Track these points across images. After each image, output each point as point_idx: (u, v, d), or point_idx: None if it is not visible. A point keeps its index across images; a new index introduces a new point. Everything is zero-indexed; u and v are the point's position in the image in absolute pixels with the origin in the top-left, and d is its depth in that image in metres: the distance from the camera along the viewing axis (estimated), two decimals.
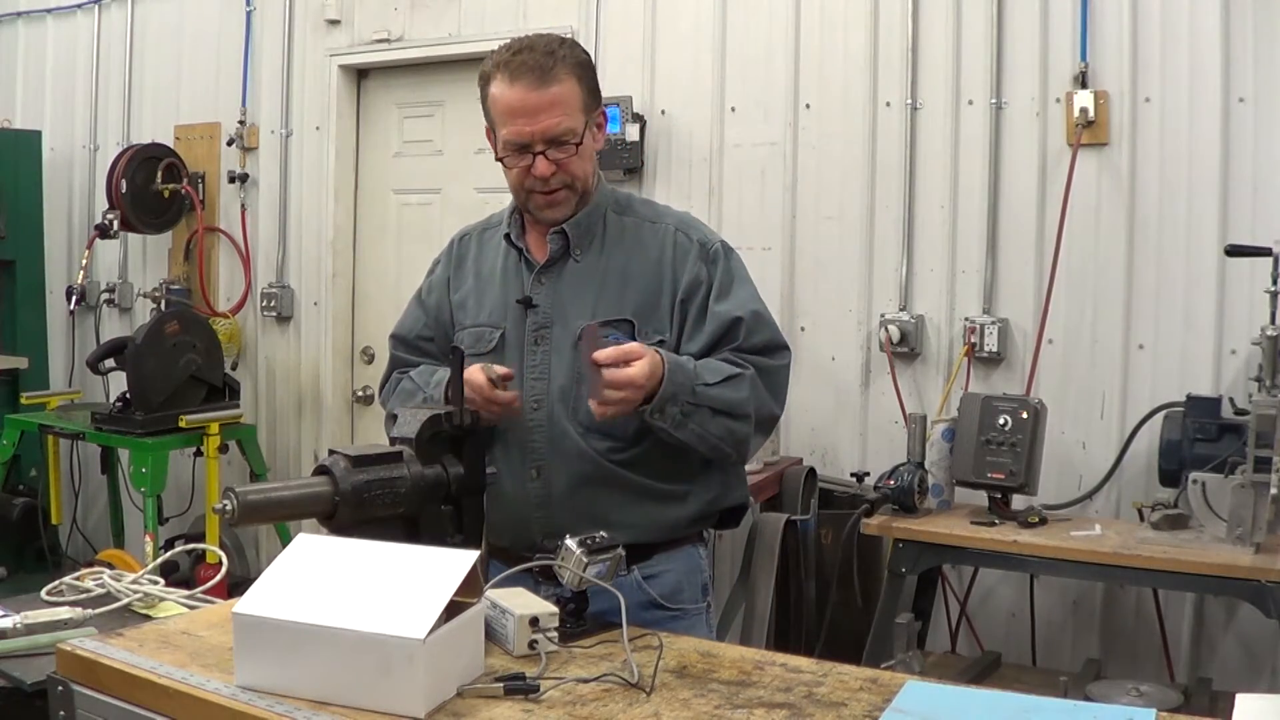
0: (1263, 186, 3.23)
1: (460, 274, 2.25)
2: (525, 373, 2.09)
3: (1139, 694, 2.84)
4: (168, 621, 1.81)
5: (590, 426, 2.03)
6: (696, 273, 2.10)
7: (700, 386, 1.98)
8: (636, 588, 2.05)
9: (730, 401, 2.01)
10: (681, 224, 2.17)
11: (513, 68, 2.02)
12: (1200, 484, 2.94)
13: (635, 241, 2.13)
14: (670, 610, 2.09)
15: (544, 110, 2.00)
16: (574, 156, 2.05)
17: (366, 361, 4.94)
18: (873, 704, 1.47)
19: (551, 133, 2.02)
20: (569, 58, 2.04)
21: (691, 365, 2.01)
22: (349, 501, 1.76)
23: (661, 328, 2.08)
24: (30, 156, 5.32)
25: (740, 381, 2.03)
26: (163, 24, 5.30)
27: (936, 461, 3.29)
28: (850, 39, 3.79)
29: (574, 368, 2.05)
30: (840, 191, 3.82)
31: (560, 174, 2.05)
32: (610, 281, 2.10)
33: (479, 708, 1.45)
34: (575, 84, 2.04)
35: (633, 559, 2.03)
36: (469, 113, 4.62)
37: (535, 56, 2.01)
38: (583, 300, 2.09)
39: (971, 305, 3.64)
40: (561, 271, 2.12)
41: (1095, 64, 3.42)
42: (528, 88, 2.00)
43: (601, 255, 2.12)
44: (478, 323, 2.17)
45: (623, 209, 2.18)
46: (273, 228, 5.00)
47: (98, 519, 5.42)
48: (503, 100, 2.03)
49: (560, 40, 2.08)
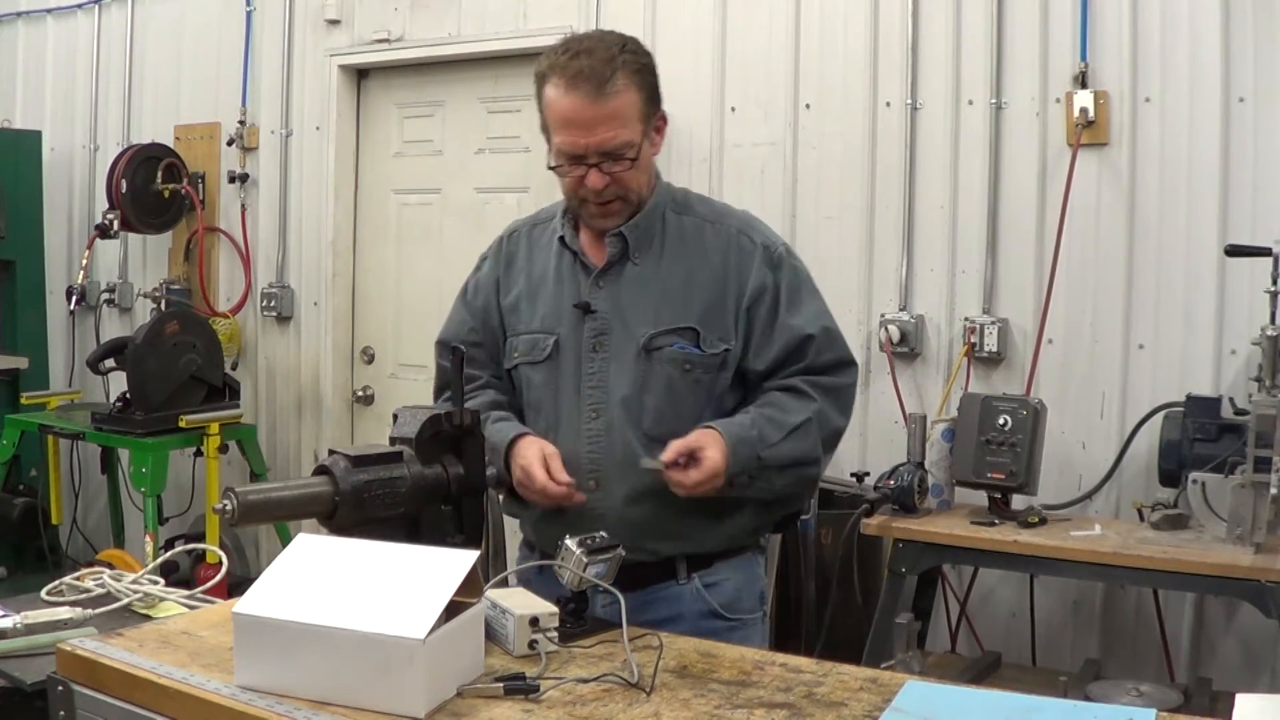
0: (1263, 186, 3.23)
1: (510, 274, 2.16)
2: (582, 381, 2.03)
3: (1139, 694, 2.84)
4: (168, 621, 1.81)
5: (654, 436, 1.98)
6: (762, 279, 2.04)
7: (766, 450, 1.94)
8: (697, 596, 2.03)
9: (797, 454, 1.99)
10: (744, 225, 2.11)
11: (569, 74, 1.92)
12: (1200, 484, 2.94)
13: (696, 244, 2.06)
14: (729, 620, 2.05)
15: (600, 124, 1.92)
16: (630, 170, 1.97)
17: (366, 361, 4.94)
18: (873, 704, 1.47)
19: (607, 146, 1.94)
20: (629, 64, 1.95)
21: (755, 430, 1.95)
22: (349, 501, 1.76)
23: (726, 335, 2.02)
24: (30, 156, 5.31)
25: (807, 429, 1.99)
26: (163, 24, 5.29)
27: (936, 461, 3.29)
28: (850, 39, 3.79)
29: (637, 376, 1.99)
30: (840, 191, 3.82)
31: (614, 186, 1.98)
32: (672, 287, 2.03)
33: (479, 708, 1.45)
34: (634, 93, 1.95)
35: (693, 567, 2.03)
36: (469, 113, 4.64)
37: (594, 64, 1.91)
38: (644, 306, 2.02)
39: (971, 305, 3.64)
40: (620, 276, 2.04)
41: (1095, 64, 3.42)
42: (584, 99, 1.91)
43: (661, 258, 2.05)
44: (531, 329, 2.09)
45: (681, 208, 2.10)
46: (273, 228, 5.00)
47: (98, 519, 5.42)
48: (557, 108, 1.94)
49: (621, 43, 1.98)
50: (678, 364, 2.00)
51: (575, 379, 2.03)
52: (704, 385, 2.02)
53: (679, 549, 2.03)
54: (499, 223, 4.52)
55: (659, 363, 2.00)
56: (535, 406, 2.09)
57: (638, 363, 2.00)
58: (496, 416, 2.07)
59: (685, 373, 2.00)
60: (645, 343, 2.00)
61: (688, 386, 2.01)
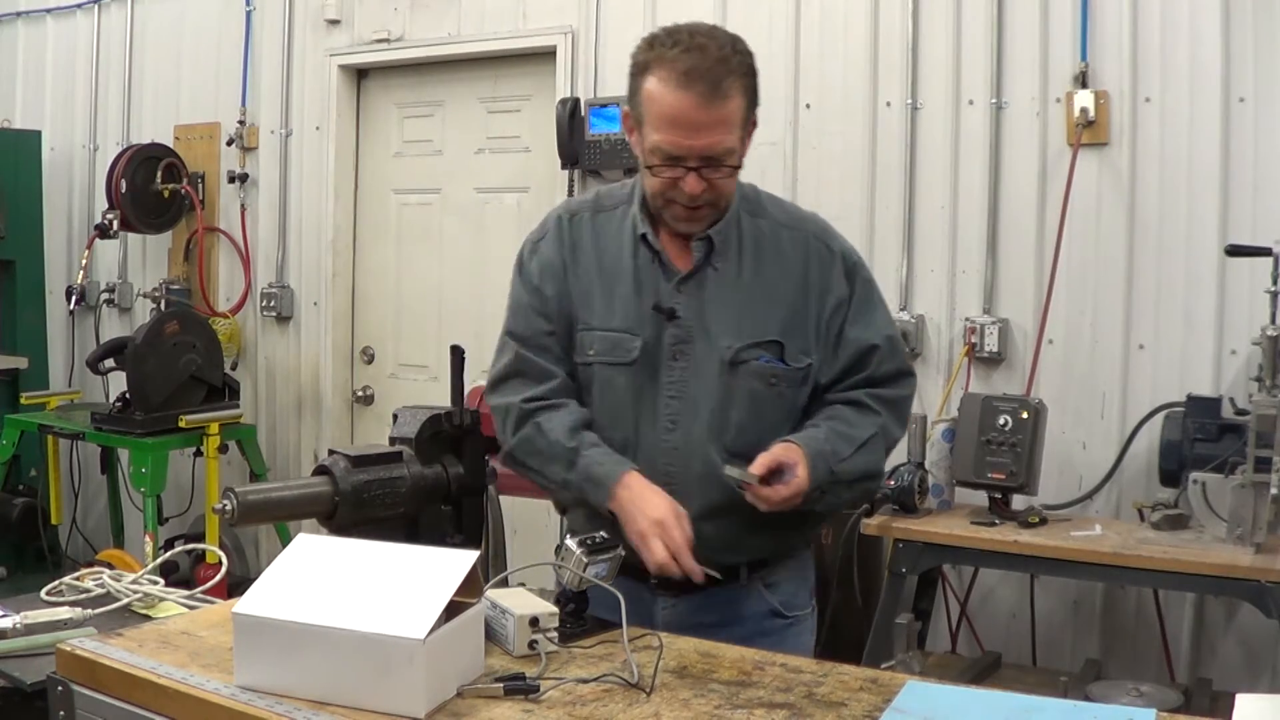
0: (1263, 186, 3.23)
1: (577, 261, 2.03)
2: (661, 389, 1.96)
3: (1139, 694, 2.84)
4: (168, 621, 1.81)
5: (735, 451, 1.93)
6: (841, 291, 2.00)
7: (839, 465, 1.92)
8: (759, 598, 2.02)
9: (866, 468, 1.98)
10: (820, 231, 2.05)
11: (680, 71, 1.82)
12: (1200, 484, 2.94)
13: (775, 250, 1.99)
14: (787, 618, 2.04)
15: (709, 128, 1.83)
16: (728, 177, 1.91)
17: (366, 361, 4.94)
18: (873, 704, 1.47)
19: (712, 151, 1.85)
20: (739, 68, 1.86)
21: (829, 444, 1.92)
22: (349, 501, 1.76)
23: (808, 348, 1.98)
24: (30, 156, 5.31)
25: (874, 443, 1.97)
26: (163, 24, 5.29)
27: (936, 461, 3.29)
28: (850, 39, 3.79)
29: (720, 389, 1.95)
30: (840, 191, 3.82)
31: (709, 192, 1.89)
32: (755, 296, 1.97)
33: (479, 708, 1.45)
34: (741, 98, 1.87)
35: (752, 569, 2.01)
36: (469, 113, 4.64)
37: (708, 63, 1.82)
38: (727, 316, 1.96)
39: (971, 305, 3.64)
40: (703, 282, 1.96)
41: (1095, 64, 3.42)
42: (697, 101, 1.82)
43: (741, 264, 1.98)
44: (610, 326, 1.98)
45: (755, 209, 2.03)
46: (273, 228, 5.00)
47: (98, 519, 5.42)
48: (663, 104, 1.84)
49: (733, 44, 1.88)
50: (764, 378, 1.96)
51: (654, 386, 1.96)
52: (787, 399, 1.99)
53: (743, 558, 2.00)
54: (499, 223, 4.59)
55: (744, 376, 1.95)
56: (612, 411, 1.99)
57: (721, 375, 1.95)
58: (591, 440, 1.95)
59: (770, 387, 1.96)
60: (731, 356, 1.94)
61: (771, 401, 1.97)
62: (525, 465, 1.99)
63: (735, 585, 1.99)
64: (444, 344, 3.95)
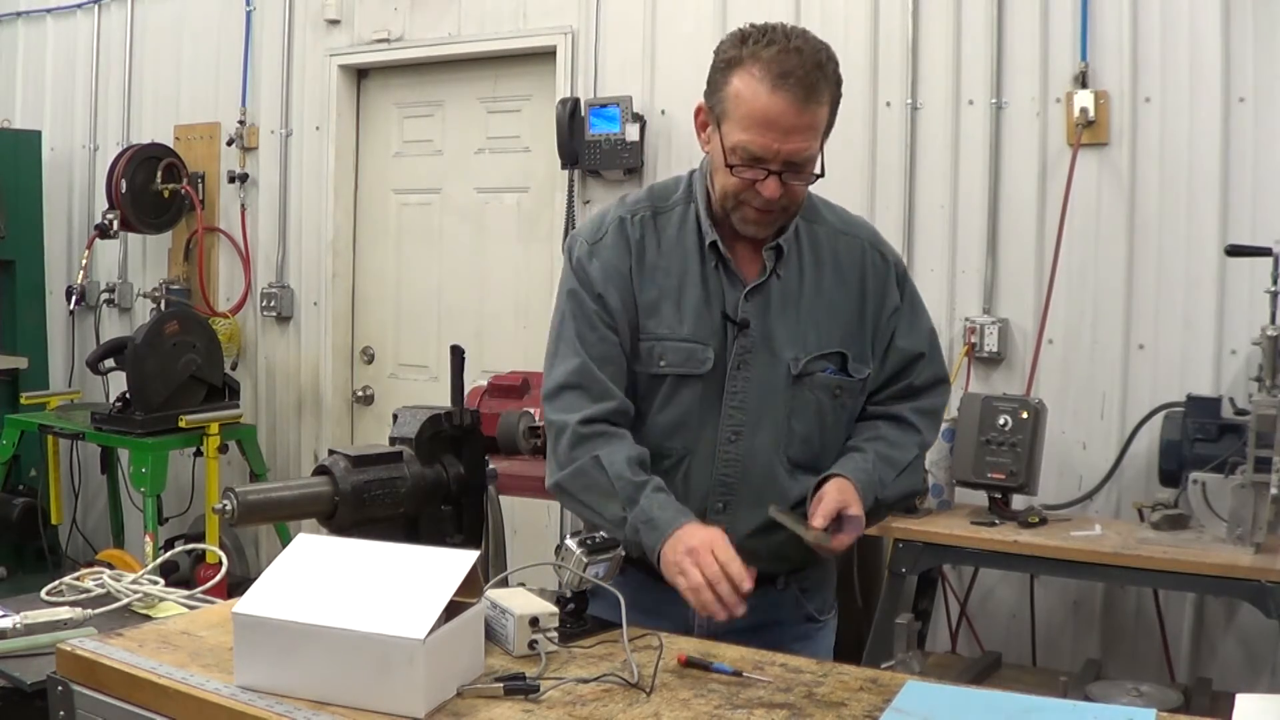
0: (1263, 186, 3.23)
1: (644, 268, 1.94)
2: (725, 399, 1.92)
3: (1139, 694, 2.84)
4: (168, 621, 1.81)
5: (798, 463, 1.93)
6: (894, 300, 1.99)
7: (884, 492, 1.93)
8: (796, 602, 2.01)
9: (907, 489, 1.99)
10: (874, 239, 2.03)
11: (776, 71, 1.78)
12: (1200, 484, 2.94)
13: (832, 258, 1.96)
14: (819, 621, 2.04)
15: (798, 132, 1.79)
16: (807, 184, 1.87)
17: (366, 361, 4.94)
18: (873, 704, 1.47)
19: (797, 156, 1.81)
20: (831, 76, 1.83)
21: (876, 474, 1.91)
22: (349, 501, 1.76)
23: (866, 358, 1.96)
24: (30, 156, 5.32)
25: (916, 465, 1.99)
26: (163, 24, 5.30)
27: (937, 461, 3.28)
28: (850, 39, 3.78)
29: (785, 400, 1.92)
30: (840, 191, 3.78)
31: (785, 198, 1.85)
32: (817, 307, 1.94)
33: (479, 708, 1.45)
34: (829, 108, 1.84)
35: (789, 575, 2.00)
36: (469, 113, 4.64)
37: (804, 67, 1.78)
38: (789, 327, 1.92)
39: (971, 305, 3.64)
40: (766, 291, 1.93)
41: (1095, 64, 3.42)
42: (790, 103, 1.77)
43: (800, 273, 1.94)
44: (680, 336, 1.92)
45: (810, 214, 1.99)
46: (273, 228, 5.00)
47: (98, 519, 5.42)
48: (753, 103, 1.79)
49: (827, 52, 1.84)
50: (829, 390, 1.94)
51: (717, 397, 1.92)
52: (848, 410, 1.99)
53: (785, 568, 1.99)
54: (499, 223, 4.60)
55: (809, 388, 1.93)
56: (676, 422, 1.94)
57: (787, 387, 1.92)
58: (656, 485, 1.87)
59: (835, 398, 1.95)
60: (799, 369, 1.92)
61: (834, 411, 1.96)
62: (577, 499, 1.93)
63: (773, 590, 1.98)
64: (444, 344, 3.96)
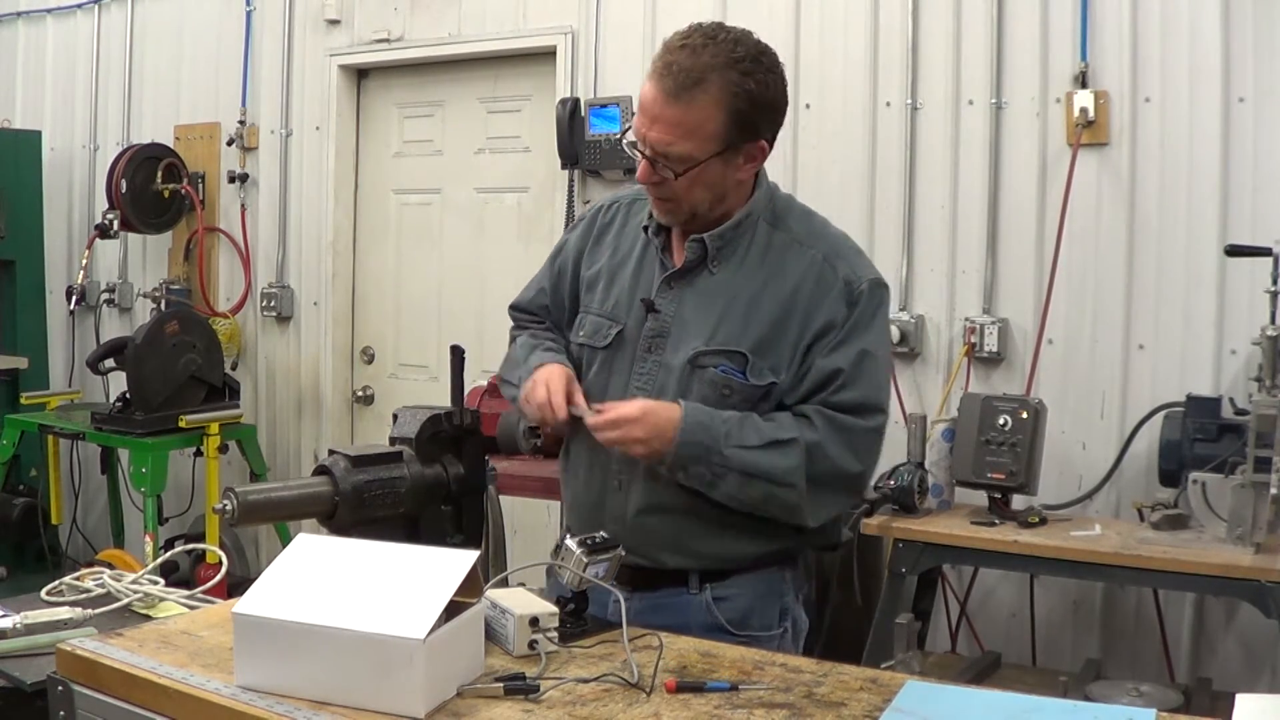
0: (1263, 186, 3.23)
1: (597, 249, 2.11)
2: (631, 379, 1.98)
3: (1139, 694, 2.84)
4: (168, 621, 1.81)
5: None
6: (832, 316, 1.93)
7: (732, 449, 1.86)
8: (704, 609, 1.97)
9: (768, 469, 1.87)
10: (831, 253, 1.98)
11: (661, 62, 1.87)
12: (1200, 484, 2.94)
13: (777, 264, 1.96)
14: (737, 636, 1.94)
15: (661, 123, 1.85)
16: (678, 181, 1.89)
17: (366, 361, 4.94)
18: (873, 704, 1.47)
19: (660, 146, 1.86)
20: (727, 85, 1.85)
21: (726, 426, 1.87)
22: (349, 501, 1.76)
23: (778, 367, 1.92)
24: (30, 156, 5.31)
25: (789, 448, 1.88)
26: (163, 24, 5.30)
27: (936, 461, 3.29)
28: (850, 39, 3.79)
29: (679, 389, 1.94)
30: (840, 191, 3.82)
31: (660, 188, 1.91)
32: (737, 305, 1.94)
33: (479, 708, 1.45)
34: (715, 111, 1.85)
35: (706, 579, 1.98)
36: (469, 113, 4.64)
37: (689, 64, 1.84)
38: (704, 319, 1.95)
39: (971, 305, 3.64)
40: (693, 282, 1.97)
41: (1095, 64, 3.42)
42: (659, 93, 1.85)
43: (739, 272, 1.96)
44: (599, 311, 2.05)
45: (776, 220, 2.01)
46: (273, 228, 5.00)
47: (98, 519, 5.42)
48: (642, 87, 1.90)
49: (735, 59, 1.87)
50: (716, 387, 1.93)
51: (626, 375, 1.98)
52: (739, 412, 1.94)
53: (688, 564, 1.98)
54: (499, 223, 4.60)
55: (699, 381, 1.93)
56: (592, 394, 2.00)
57: (683, 376, 1.94)
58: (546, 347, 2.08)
59: (723, 398, 1.92)
60: (691, 357, 1.94)
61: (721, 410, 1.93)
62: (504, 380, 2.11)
63: (684, 592, 1.98)
64: (444, 344, 3.96)
